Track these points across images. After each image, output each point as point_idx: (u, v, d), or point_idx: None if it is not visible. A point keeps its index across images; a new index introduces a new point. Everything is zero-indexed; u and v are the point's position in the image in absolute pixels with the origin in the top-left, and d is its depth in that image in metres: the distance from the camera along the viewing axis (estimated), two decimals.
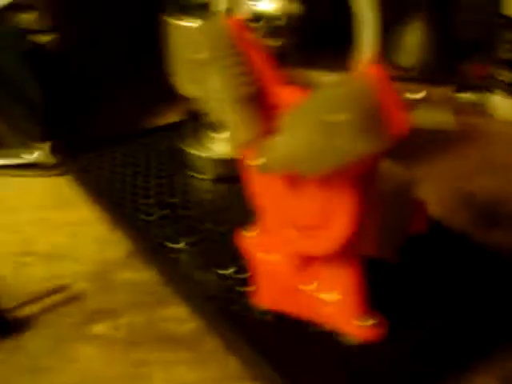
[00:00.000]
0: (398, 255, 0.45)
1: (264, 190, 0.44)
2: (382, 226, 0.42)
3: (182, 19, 0.56)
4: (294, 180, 0.40)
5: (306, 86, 0.43)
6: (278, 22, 0.54)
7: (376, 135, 0.32)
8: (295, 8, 0.59)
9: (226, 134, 0.40)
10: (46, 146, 0.66)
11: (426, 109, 0.85)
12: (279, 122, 0.35)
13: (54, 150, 0.66)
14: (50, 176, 0.66)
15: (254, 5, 0.60)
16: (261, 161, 0.37)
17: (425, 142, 0.76)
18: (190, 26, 0.54)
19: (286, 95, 0.39)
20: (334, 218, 0.39)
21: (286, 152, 0.34)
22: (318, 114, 0.32)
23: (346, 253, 0.41)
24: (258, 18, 0.52)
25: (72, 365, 0.44)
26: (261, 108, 0.39)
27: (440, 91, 0.87)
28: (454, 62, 0.97)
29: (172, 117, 0.75)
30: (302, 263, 0.45)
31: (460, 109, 0.85)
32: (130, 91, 0.85)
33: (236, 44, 0.39)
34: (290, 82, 0.41)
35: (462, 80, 0.93)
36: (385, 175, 0.41)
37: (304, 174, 0.35)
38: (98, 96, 0.82)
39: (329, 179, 0.37)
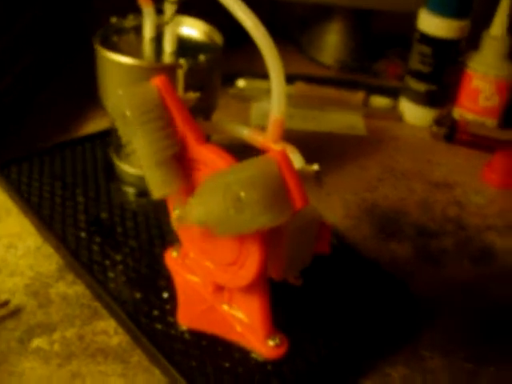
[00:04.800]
0: (301, 278, 0.52)
1: (183, 230, 0.51)
2: (287, 256, 0.49)
3: (113, 47, 0.59)
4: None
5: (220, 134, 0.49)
6: (200, 58, 0.58)
7: (279, 210, 0.39)
8: (217, 37, 0.63)
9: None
10: None
11: (338, 112, 0.91)
12: (198, 186, 0.40)
13: None
14: None
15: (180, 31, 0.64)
16: (178, 217, 0.43)
17: (336, 147, 0.83)
18: (120, 61, 0.57)
19: (205, 153, 0.45)
20: (245, 259, 0.45)
21: (201, 216, 0.39)
22: (230, 191, 0.38)
23: (255, 282, 0.47)
24: (179, 64, 0.56)
25: (12, 378, 0.49)
26: (182, 164, 0.45)
27: (353, 94, 0.94)
28: (370, 61, 1.04)
29: (104, 122, 0.79)
30: (218, 286, 0.51)
31: (372, 112, 0.92)
32: (61, 98, 0.87)
33: (160, 105, 0.44)
34: (207, 136, 0.46)
35: (377, 81, 1.00)
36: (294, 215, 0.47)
37: (216, 233, 0.40)
38: (28, 106, 0.83)
39: None
